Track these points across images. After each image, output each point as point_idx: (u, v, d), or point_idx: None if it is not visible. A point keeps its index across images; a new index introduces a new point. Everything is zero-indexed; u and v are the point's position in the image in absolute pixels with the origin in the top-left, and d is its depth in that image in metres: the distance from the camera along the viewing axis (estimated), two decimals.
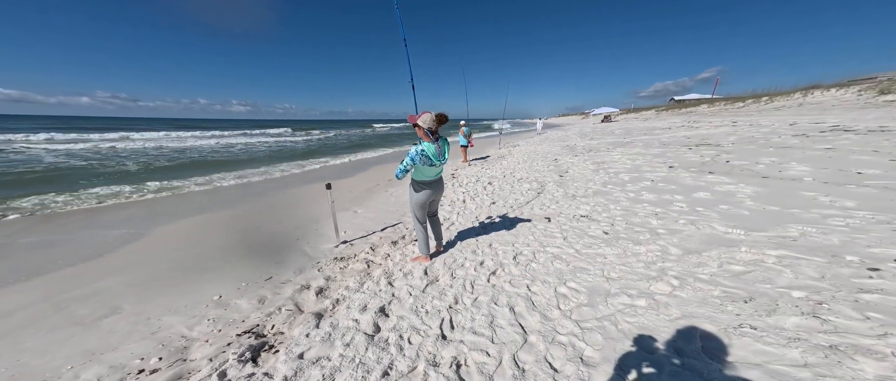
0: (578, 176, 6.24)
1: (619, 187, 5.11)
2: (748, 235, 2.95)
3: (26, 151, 13.34)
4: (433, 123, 2.28)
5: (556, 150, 11.05)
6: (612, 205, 4.23)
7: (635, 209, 3.98)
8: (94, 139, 17.87)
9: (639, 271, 2.46)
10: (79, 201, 5.79)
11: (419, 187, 2.57)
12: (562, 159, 8.57)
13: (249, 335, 2.11)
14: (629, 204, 4.22)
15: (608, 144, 11.10)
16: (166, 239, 4.04)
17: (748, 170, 5.47)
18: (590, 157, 8.64)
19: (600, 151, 9.73)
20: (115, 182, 7.56)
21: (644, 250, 2.82)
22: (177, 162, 11.46)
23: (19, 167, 9.53)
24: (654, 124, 18.84)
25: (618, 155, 8.49)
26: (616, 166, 6.92)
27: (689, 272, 2.38)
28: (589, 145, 11.39)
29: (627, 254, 2.77)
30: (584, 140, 13.60)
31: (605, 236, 3.22)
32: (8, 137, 17.45)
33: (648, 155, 7.94)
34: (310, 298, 2.53)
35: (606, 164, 7.32)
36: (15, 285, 2.98)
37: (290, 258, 3.28)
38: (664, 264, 2.54)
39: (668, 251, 2.76)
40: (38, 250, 3.76)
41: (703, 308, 1.95)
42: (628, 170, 6.42)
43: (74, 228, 4.51)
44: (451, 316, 2.14)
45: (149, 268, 3.21)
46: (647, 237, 3.08)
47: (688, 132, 12.07)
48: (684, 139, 10.10)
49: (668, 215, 3.67)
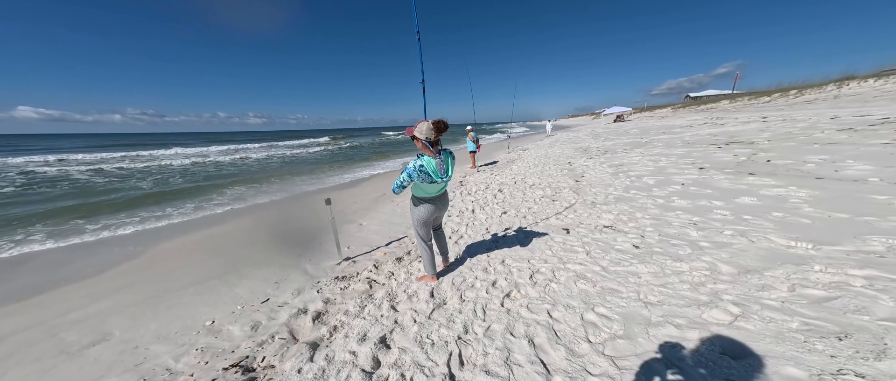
0: (596, 181, 5.84)
1: (644, 193, 4.70)
2: (818, 249, 2.52)
3: (63, 169, 14.00)
4: (431, 132, 2.01)
5: (568, 152, 10.62)
6: (639, 213, 3.84)
7: (668, 218, 3.59)
8: (115, 158, 18.70)
9: (684, 295, 2.11)
10: (89, 217, 5.87)
11: (420, 203, 2.31)
12: (576, 162, 8.16)
13: (237, 369, 1.90)
14: (659, 212, 3.82)
15: (625, 145, 10.57)
16: (167, 257, 3.95)
17: (796, 170, 4.94)
18: (606, 159, 8.19)
19: (617, 152, 9.24)
20: (125, 198, 7.70)
21: (687, 267, 2.46)
22: (193, 177, 11.71)
23: (47, 187, 9.94)
24: (671, 122, 18.00)
25: (637, 156, 8.00)
26: (637, 169, 6.47)
27: (752, 297, 2.01)
28: (604, 147, 10.89)
29: (666, 272, 2.41)
30: (597, 141, 13.06)
31: (636, 250, 2.86)
32: (45, 158, 18.49)
33: (672, 156, 7.42)
34: (306, 324, 2.31)
35: (626, 166, 6.87)
36: (13, 304, 2.91)
37: (291, 277, 3.08)
38: (716, 285, 2.17)
39: (719, 269, 2.38)
40: (43, 267, 3.74)
41: (781, 346, 1.59)
42: (652, 173, 5.97)
43: (79, 244, 4.51)
44: (459, 349, 1.86)
45: (145, 288, 3.09)
46: (689, 252, 2.70)
47: (713, 130, 11.37)
48: (710, 137, 9.47)
49: (710, 225, 3.26)
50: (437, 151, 2.10)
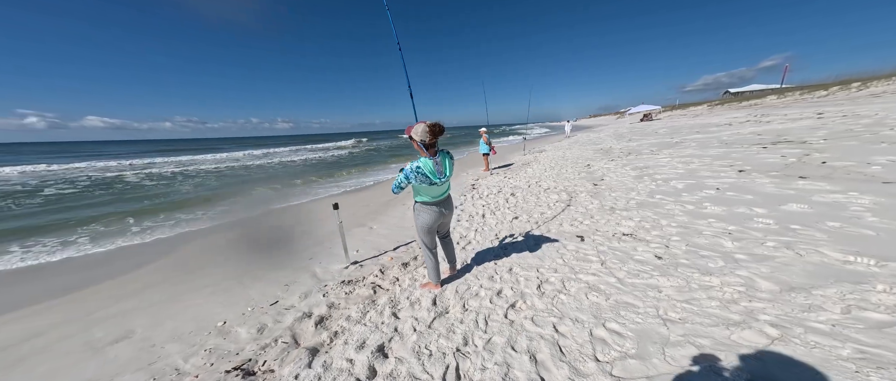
0: (617, 184, 5.50)
1: (671, 198, 4.34)
2: (883, 266, 2.17)
3: (119, 174, 15.52)
4: (426, 134, 1.96)
5: (587, 154, 10.14)
6: (664, 220, 3.54)
7: (698, 226, 3.27)
8: (165, 162, 20.50)
9: (712, 313, 1.88)
10: (133, 219, 6.40)
11: (423, 209, 2.26)
12: (595, 165, 7.76)
13: (238, 372, 1.94)
14: (688, 219, 3.50)
15: (651, 146, 9.92)
16: (193, 258, 4.19)
17: (858, 173, 4.34)
18: (629, 161, 7.72)
19: (642, 153, 8.69)
20: (167, 201, 8.34)
21: (718, 282, 2.20)
22: (226, 179, 12.51)
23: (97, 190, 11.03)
24: (707, 121, 16.73)
25: (665, 158, 7.47)
26: (664, 172, 6.02)
27: (795, 318, 1.75)
28: (627, 148, 10.29)
29: (692, 287, 2.17)
30: (620, 142, 12.39)
31: (658, 261, 2.62)
32: (106, 163, 20.63)
33: (706, 157, 6.84)
34: (308, 329, 2.32)
35: (651, 169, 6.42)
36: (59, 298, 3.21)
37: (300, 280, 3.15)
38: (752, 303, 1.92)
39: (756, 286, 2.11)
40: (88, 264, 4.10)
41: (827, 375, 1.36)
42: (681, 176, 5.52)
43: (122, 242, 4.91)
44: (457, 362, 1.78)
45: (169, 288, 3.28)
46: (721, 265, 2.43)
47: (756, 128, 10.41)
48: (753, 136, 8.66)
49: (748, 235, 2.93)
50: (433, 152, 2.05)
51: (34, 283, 3.71)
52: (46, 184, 12.19)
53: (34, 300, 3.23)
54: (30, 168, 17.16)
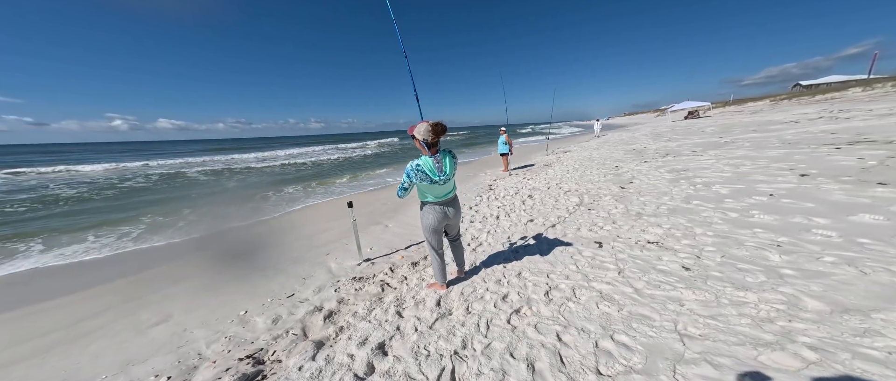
0: (647, 188, 5.11)
1: (711, 204, 3.95)
2: None
3: (180, 171, 17.37)
4: (428, 133, 1.97)
5: (617, 155, 9.54)
6: (699, 229, 3.23)
7: (740, 236, 2.95)
8: (215, 160, 22.61)
9: (740, 331, 1.68)
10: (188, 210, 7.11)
11: (428, 209, 2.26)
12: (625, 167, 7.27)
13: (250, 360, 2.07)
14: (729, 228, 3.17)
15: (694, 146, 9.11)
16: (230, 249, 4.56)
17: None
18: (665, 163, 7.14)
19: (682, 155, 8.00)
20: (220, 194, 9.15)
21: (754, 298, 1.97)
22: (264, 176, 13.47)
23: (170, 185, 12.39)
24: (768, 118, 15.03)
25: (709, 160, 6.82)
26: (706, 175, 5.49)
27: (843, 343, 1.52)
28: (665, 148, 9.53)
29: (722, 302, 1.96)
30: (657, 142, 11.51)
31: (686, 272, 2.40)
32: (187, 160, 23.09)
33: (762, 159, 6.13)
34: (317, 322, 2.42)
35: (691, 172, 5.89)
36: (116, 281, 3.66)
37: (316, 274, 3.30)
38: (791, 323, 1.70)
39: (802, 304, 1.87)
40: (144, 253, 4.62)
41: None
42: (727, 180, 5.00)
43: (174, 231, 5.48)
44: (453, 365, 1.76)
45: (208, 276, 3.59)
46: (762, 280, 2.17)
47: (830, 125, 9.18)
48: (825, 135, 7.64)
49: (802, 248, 2.60)
50: (433, 151, 2.05)
51: (106, 267, 4.25)
52: (125, 179, 13.95)
53: (104, 280, 3.72)
54: (112, 165, 19.77)
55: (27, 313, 3.12)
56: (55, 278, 3.98)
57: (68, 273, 4.09)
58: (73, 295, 3.44)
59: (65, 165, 18.96)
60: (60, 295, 3.45)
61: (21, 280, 3.96)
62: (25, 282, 3.90)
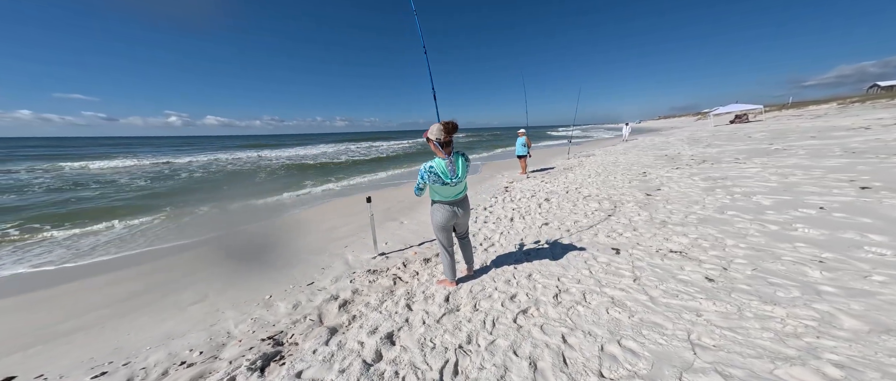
0: (677, 196, 4.85)
1: (748, 215, 3.70)
2: None
3: (219, 165, 18.77)
4: (441, 132, 2.03)
5: (646, 160, 9.09)
6: (730, 240, 3.05)
7: (777, 250, 2.76)
8: (248, 156, 24.16)
9: (759, 344, 1.60)
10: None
11: (438, 208, 2.33)
12: (653, 173, 6.93)
13: (270, 341, 2.23)
14: (765, 241, 2.96)
15: (738, 153, 8.49)
16: (265, 236, 4.89)
17: None
18: (701, 170, 6.72)
19: (721, 162, 7.49)
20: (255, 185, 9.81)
21: (782, 313, 1.86)
22: (289, 172, 14.21)
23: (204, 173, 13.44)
24: (831, 123, 13.68)
25: (753, 168, 6.34)
26: (748, 184, 5.12)
27: (874, 362, 1.42)
28: (702, 154, 8.96)
29: (744, 314, 1.86)
30: (694, 148, 10.83)
31: (709, 284, 2.28)
32: (238, 155, 24.95)
33: (817, 169, 5.62)
34: (333, 310, 2.56)
35: (730, 180, 5.51)
36: (166, 259, 4.05)
37: (334, 265, 3.47)
38: (819, 339, 1.60)
39: (837, 322, 1.74)
40: (188, 235, 5.07)
41: None
42: (771, 190, 4.65)
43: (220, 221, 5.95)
44: (457, 359, 1.80)
45: (239, 263, 3.89)
46: (795, 295, 2.04)
47: None
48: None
49: (849, 265, 2.40)
50: (447, 153, 2.10)
51: (158, 247, 4.72)
52: (176, 172, 15.29)
53: (156, 257, 4.14)
54: (169, 159, 21.72)
55: (97, 284, 3.55)
56: (117, 253, 4.48)
57: (126, 251, 4.59)
58: (128, 270, 3.87)
59: (135, 159, 20.96)
60: (118, 269, 3.89)
61: (95, 247, 4.48)
62: (87, 252, 4.41)
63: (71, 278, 3.77)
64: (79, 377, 1.98)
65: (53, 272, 4.01)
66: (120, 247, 4.84)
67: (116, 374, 1.99)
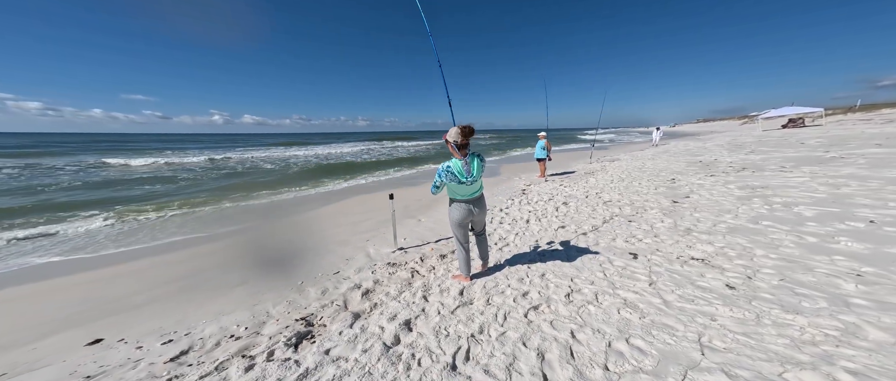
0: (707, 204, 4.66)
1: (785, 226, 3.51)
2: None
3: (253, 163, 20.22)
4: (458, 135, 2.19)
5: (677, 166, 8.67)
6: (760, 251, 2.94)
7: (812, 262, 2.65)
8: (276, 155, 25.75)
9: (772, 349, 1.60)
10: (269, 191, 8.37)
11: (455, 206, 2.49)
12: (683, 179, 6.63)
13: (303, 322, 2.49)
14: (800, 253, 2.84)
15: (784, 161, 7.88)
16: (298, 228, 5.30)
17: None
18: (739, 178, 6.34)
19: (764, 170, 7.01)
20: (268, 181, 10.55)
21: (803, 322, 1.83)
22: (311, 166, 15.02)
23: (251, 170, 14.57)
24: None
25: (801, 177, 5.90)
26: (790, 194, 4.80)
27: (891, 372, 1.37)
28: (742, 161, 8.40)
29: (762, 322, 1.85)
30: (734, 154, 10.15)
31: (728, 291, 2.26)
32: (271, 153, 26.98)
33: (875, 180, 5.16)
34: (356, 297, 2.79)
35: (771, 190, 5.18)
36: (212, 244, 4.53)
37: (357, 257, 3.73)
38: (838, 348, 1.58)
39: (861, 333, 1.70)
40: (234, 223, 5.61)
41: None
42: (817, 201, 4.34)
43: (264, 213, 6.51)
44: (469, 346, 1.94)
45: (277, 250, 4.28)
46: (821, 306, 1.99)
47: None
48: None
49: (888, 280, 2.29)
50: (463, 154, 2.26)
51: (205, 231, 5.28)
52: (224, 165, 16.70)
53: (208, 241, 4.65)
54: (212, 154, 23.74)
55: (163, 263, 4.06)
56: (174, 238, 5.06)
57: (179, 235, 5.17)
58: (185, 251, 4.39)
59: (206, 155, 23.02)
60: (177, 250, 4.42)
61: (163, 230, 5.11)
62: (153, 234, 5.02)
63: (145, 255, 4.34)
64: (151, 342, 2.33)
65: (137, 251, 4.60)
66: (176, 232, 5.45)
67: (180, 342, 2.32)
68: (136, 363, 2.01)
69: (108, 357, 2.15)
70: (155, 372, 1.89)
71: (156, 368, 1.94)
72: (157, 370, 1.90)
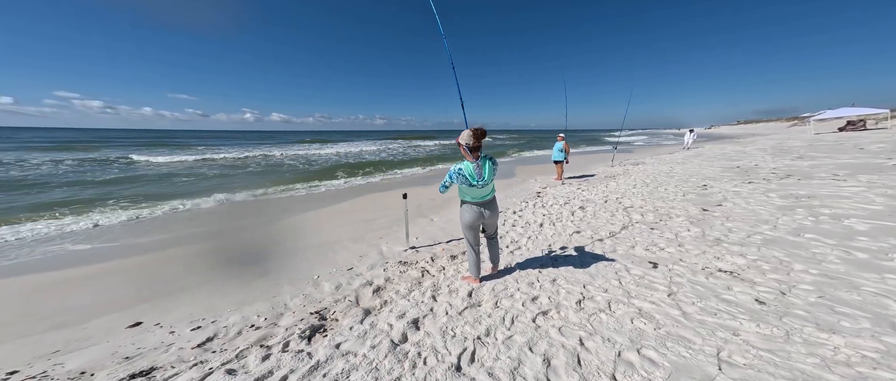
0: (741, 213, 4.35)
1: (831, 240, 3.22)
2: None
3: (278, 159, 21.21)
4: (470, 138, 2.20)
5: (710, 171, 8.13)
6: (799, 265, 2.73)
7: (858, 280, 2.43)
8: (298, 153, 26.81)
9: (798, 367, 1.50)
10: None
11: (466, 208, 2.50)
12: (716, 186, 6.22)
13: (317, 315, 2.60)
14: (846, 269, 2.61)
15: (837, 168, 7.17)
16: (319, 219, 5.52)
17: None
18: (782, 186, 5.86)
19: (812, 178, 6.41)
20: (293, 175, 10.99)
21: (839, 341, 1.69)
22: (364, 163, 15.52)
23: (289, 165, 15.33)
24: None
25: (855, 187, 5.37)
26: (841, 205, 4.38)
27: None
28: (788, 168, 7.74)
29: (792, 339, 1.72)
30: (779, 159, 9.37)
31: (757, 306, 2.11)
32: (281, 151, 28.38)
33: None
34: (368, 294, 2.87)
35: (818, 199, 4.75)
36: (236, 234, 4.81)
37: (370, 254, 3.83)
38: (877, 371, 1.45)
39: None
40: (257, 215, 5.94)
41: None
42: (872, 214, 3.94)
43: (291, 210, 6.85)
44: (475, 348, 1.95)
45: (296, 242, 4.48)
46: (863, 326, 1.83)
47: None
48: None
49: None
50: (475, 156, 2.26)
51: (234, 223, 5.61)
52: (249, 162, 17.75)
53: (238, 231, 4.92)
54: (241, 151, 25.27)
55: (195, 252, 4.38)
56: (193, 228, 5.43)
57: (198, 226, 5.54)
58: (216, 240, 4.68)
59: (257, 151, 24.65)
60: (209, 239, 4.74)
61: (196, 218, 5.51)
62: (186, 222, 5.41)
63: (182, 243, 4.69)
64: (182, 327, 2.52)
65: (175, 238, 4.99)
66: (208, 222, 5.84)
67: (207, 329, 2.50)
68: (168, 348, 2.19)
69: (145, 340, 2.35)
70: (183, 357, 2.04)
71: (184, 353, 2.10)
72: (186, 355, 2.06)
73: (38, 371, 1.95)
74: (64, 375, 1.90)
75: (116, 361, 2.05)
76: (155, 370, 1.87)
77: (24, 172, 13.26)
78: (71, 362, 2.06)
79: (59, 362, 2.07)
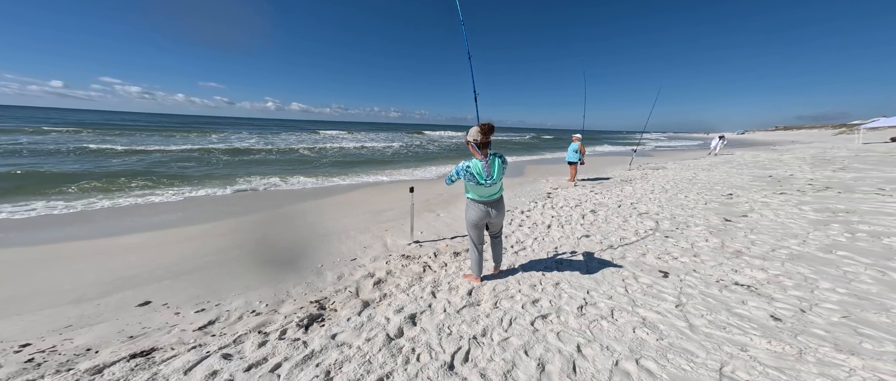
0: (769, 225, 4.09)
1: (867, 259, 2.99)
2: None
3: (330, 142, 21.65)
4: (478, 134, 2.13)
5: (739, 180, 7.71)
6: (826, 283, 2.55)
7: (888, 301, 2.26)
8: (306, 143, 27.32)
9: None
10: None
11: (472, 205, 2.44)
12: (743, 195, 5.88)
13: (317, 304, 2.62)
14: (879, 290, 2.43)
15: (883, 182, 6.61)
16: (328, 208, 5.60)
17: None
18: (818, 198, 5.46)
19: (855, 191, 5.93)
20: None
21: (858, 363, 1.57)
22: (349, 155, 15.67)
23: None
24: None
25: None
26: (883, 223, 4.03)
27: None
28: (828, 179, 7.21)
29: (804, 359, 1.61)
30: (819, 170, 8.77)
31: (772, 322, 1.98)
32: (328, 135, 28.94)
33: None
34: (368, 286, 2.87)
35: (857, 215, 4.39)
36: (247, 217, 4.95)
37: (374, 246, 3.84)
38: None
39: None
40: (269, 204, 6.08)
41: None
42: None
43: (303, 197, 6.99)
44: (469, 347, 1.91)
45: (304, 230, 4.55)
46: (888, 350, 1.69)
47: None
48: None
49: None
50: (484, 154, 2.19)
51: (247, 208, 5.77)
52: (265, 149, 18.22)
53: (250, 213, 5.07)
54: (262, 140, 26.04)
55: (207, 233, 4.52)
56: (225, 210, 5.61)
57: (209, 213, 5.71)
58: (232, 220, 4.81)
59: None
60: (224, 219, 4.88)
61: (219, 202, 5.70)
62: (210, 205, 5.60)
63: (201, 222, 4.85)
64: (188, 309, 2.60)
65: (192, 219, 5.17)
66: (228, 207, 6.02)
67: (210, 311, 2.56)
68: (171, 329, 2.26)
69: (151, 320, 2.44)
70: (184, 339, 2.10)
71: (186, 335, 2.16)
72: (186, 337, 2.12)
73: (47, 346, 2.05)
74: (71, 351, 1.99)
75: (121, 339, 2.13)
76: (155, 351, 1.93)
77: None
78: (80, 337, 2.16)
79: (68, 337, 2.17)
